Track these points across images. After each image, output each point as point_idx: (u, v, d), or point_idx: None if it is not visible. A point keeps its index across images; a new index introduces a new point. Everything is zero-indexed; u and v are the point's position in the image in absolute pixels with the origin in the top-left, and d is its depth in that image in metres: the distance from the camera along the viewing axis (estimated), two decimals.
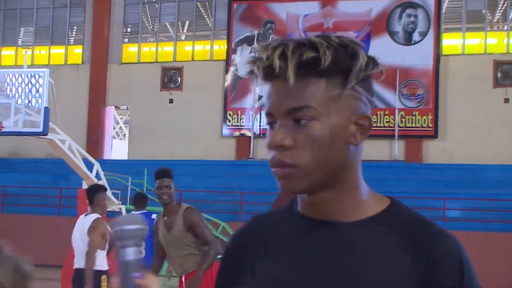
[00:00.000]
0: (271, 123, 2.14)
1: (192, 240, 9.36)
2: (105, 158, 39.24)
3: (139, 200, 15.87)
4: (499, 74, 36.26)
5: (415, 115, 36.02)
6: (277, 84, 2.08)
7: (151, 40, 42.36)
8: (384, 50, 35.75)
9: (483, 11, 37.42)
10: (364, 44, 2.15)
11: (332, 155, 2.09)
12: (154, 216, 14.43)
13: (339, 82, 2.07)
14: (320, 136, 2.06)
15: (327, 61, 2.00)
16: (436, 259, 2.06)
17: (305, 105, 2.04)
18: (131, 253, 1.78)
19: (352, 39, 2.07)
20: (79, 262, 12.27)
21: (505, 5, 37.32)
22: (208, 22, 41.57)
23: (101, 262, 12.28)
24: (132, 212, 14.79)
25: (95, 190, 13.04)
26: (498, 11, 37.51)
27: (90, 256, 12.05)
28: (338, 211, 2.15)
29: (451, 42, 37.67)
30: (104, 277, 12.36)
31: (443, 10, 37.42)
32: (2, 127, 21.92)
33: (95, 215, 12.41)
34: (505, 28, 37.16)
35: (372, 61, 2.09)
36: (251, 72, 2.14)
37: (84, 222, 12.44)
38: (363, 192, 2.18)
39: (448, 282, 2.06)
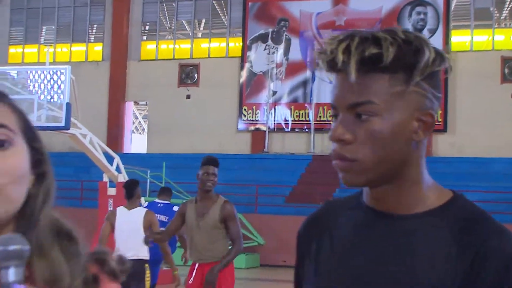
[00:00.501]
0: (335, 115, 2.08)
1: (220, 232, 9.21)
2: (124, 152, 39.35)
3: (165, 191, 15.55)
4: (506, 70, 36.21)
5: None
6: (341, 77, 2.03)
7: (169, 37, 42.43)
8: None
9: (491, 9, 37.35)
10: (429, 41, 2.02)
11: (393, 151, 2.04)
12: (175, 208, 14.61)
13: (403, 78, 2.00)
14: (380, 132, 2.01)
15: (389, 57, 1.94)
16: (484, 255, 1.98)
17: (367, 100, 1.99)
18: (13, 274, 1.65)
19: (418, 34, 2.01)
20: (127, 252, 11.04)
21: (511, 4, 37.25)
22: (223, 20, 41.58)
23: (145, 251, 12.76)
24: (155, 201, 14.69)
25: (135, 184, 13.46)
26: (505, 9, 37.42)
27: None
28: (399, 204, 2.10)
29: (459, 39, 37.60)
30: (147, 265, 12.84)
31: (452, 8, 37.36)
32: None
33: (143, 209, 13.23)
34: None
35: (440, 57, 2.01)
36: (317, 63, 2.07)
37: (133, 215, 12.84)
38: (425, 186, 2.11)
39: (491, 278, 1.96)
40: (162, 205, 15.63)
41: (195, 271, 9.26)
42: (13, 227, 1.82)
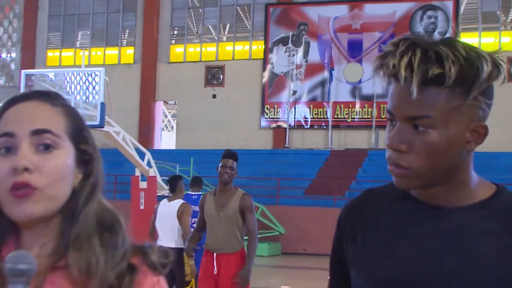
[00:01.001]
0: (390, 120, 2.05)
1: (238, 223, 9.11)
2: (155, 148, 39.45)
3: (196, 182, 15.29)
4: None
5: None
6: (400, 88, 1.96)
7: (196, 41, 42.48)
8: None
9: (498, 12, 37.28)
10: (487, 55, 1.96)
11: (446, 160, 2.01)
12: None
13: (461, 92, 1.94)
14: (436, 144, 1.97)
15: (451, 78, 1.90)
16: None
17: (426, 115, 1.95)
18: None
19: (478, 51, 1.94)
20: (166, 241, 12.62)
21: None
22: (247, 24, 41.59)
23: (182, 241, 12.77)
24: (189, 193, 14.69)
25: (178, 179, 13.90)
26: (511, 12, 37.28)
27: (188, 234, 12.56)
28: (449, 199, 2.07)
29: (468, 41, 37.19)
30: (185, 253, 12.56)
31: (461, 12, 37.30)
32: None
33: (181, 201, 13.21)
34: None
35: (496, 70, 1.95)
36: (377, 72, 2.02)
37: (171, 206, 13.03)
38: (472, 182, 2.08)
39: None
40: (196, 196, 15.64)
41: (214, 261, 9.17)
42: (59, 221, 1.85)
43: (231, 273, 8.86)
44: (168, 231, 12.92)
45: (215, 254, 8.98)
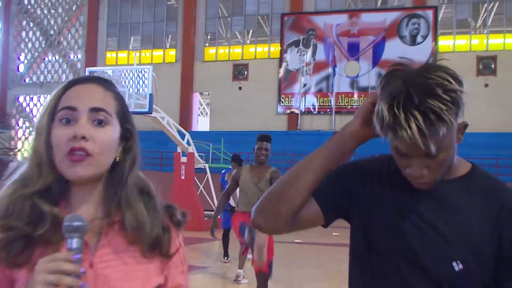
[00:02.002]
0: (401, 155, 1.98)
1: None
2: (193, 130, 39.22)
3: (237, 160, 14.70)
4: (480, 66, 35.86)
5: None
6: (413, 144, 1.88)
7: (225, 44, 42.22)
8: (395, 49, 36.11)
9: (469, 19, 36.96)
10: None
11: (450, 161, 2.02)
12: None
13: (455, 119, 1.92)
14: (446, 159, 1.97)
15: (454, 124, 1.90)
16: (503, 209, 2.01)
17: (437, 151, 1.89)
18: (76, 243, 1.68)
19: (452, 87, 1.90)
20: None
21: (485, 15, 36.85)
22: (266, 30, 41.31)
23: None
24: (230, 168, 14.85)
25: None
26: (480, 19, 37.01)
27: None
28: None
29: (444, 42, 37.18)
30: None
31: (439, 19, 37.02)
32: None
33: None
34: (485, 32, 36.68)
35: (463, 87, 1.94)
36: (385, 130, 1.93)
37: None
38: (455, 161, 2.07)
39: (510, 222, 2.00)
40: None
41: (243, 216, 9.13)
42: (103, 185, 1.91)
43: None
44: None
45: (249, 215, 8.80)
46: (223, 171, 16.73)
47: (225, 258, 15.48)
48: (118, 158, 1.90)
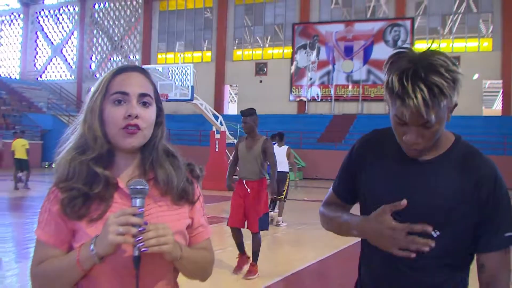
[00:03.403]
0: (400, 124, 1.87)
1: (261, 160, 8.05)
2: (224, 113, 39.35)
3: (281, 137, 14.24)
4: None
5: None
6: (416, 113, 1.79)
7: (249, 47, 42.09)
8: (381, 51, 36.04)
9: (438, 28, 36.71)
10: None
11: (440, 134, 1.90)
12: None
13: (452, 100, 1.83)
14: (438, 131, 1.85)
15: (454, 93, 1.82)
16: (479, 178, 1.88)
17: (434, 120, 1.79)
18: (139, 202, 1.70)
19: (452, 68, 1.81)
20: (280, 168, 12.61)
21: (450, 24, 36.54)
22: (281, 36, 41.11)
23: (286, 168, 13.61)
24: (275, 146, 14.53)
25: (283, 135, 14.30)
26: (447, 28, 36.70)
27: (293, 165, 14.40)
28: (427, 153, 1.95)
29: (420, 46, 36.94)
30: (288, 174, 13.70)
31: (415, 27, 36.79)
32: (168, 97, 22.46)
33: (286, 146, 13.94)
34: (451, 37, 36.40)
35: (459, 81, 1.84)
36: (395, 98, 1.82)
37: (281, 149, 13.59)
38: (442, 136, 1.96)
39: (485, 192, 1.87)
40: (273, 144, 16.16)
41: (245, 184, 8.03)
42: (139, 152, 1.89)
43: (254, 193, 7.94)
44: (280, 162, 12.50)
45: (244, 181, 8.06)
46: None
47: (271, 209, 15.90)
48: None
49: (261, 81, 40.79)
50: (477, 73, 34.58)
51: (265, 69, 40.95)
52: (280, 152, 13.32)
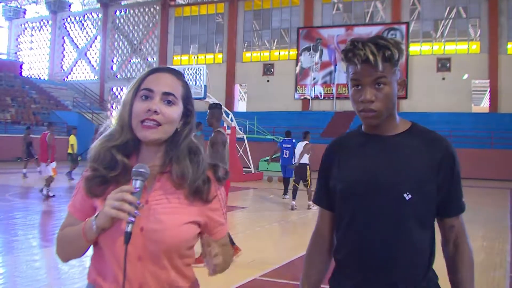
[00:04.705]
0: (356, 85, 1.97)
1: (210, 151, 7.64)
2: (234, 110, 39.33)
3: (305, 135, 14.69)
4: (439, 65, 35.53)
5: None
6: (366, 66, 1.90)
7: (257, 49, 42.08)
8: None
9: (431, 31, 36.59)
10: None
11: (392, 103, 1.98)
12: (293, 141, 16.39)
13: (395, 63, 1.94)
14: (389, 93, 1.95)
15: (396, 57, 1.93)
16: (444, 156, 1.96)
17: (384, 75, 1.92)
18: (138, 183, 1.71)
19: (396, 40, 1.97)
20: (301, 160, 14.11)
21: (442, 28, 36.39)
22: (287, 40, 41.03)
23: (307, 160, 14.26)
24: (300, 142, 14.71)
25: (308, 133, 14.81)
26: (439, 31, 36.56)
27: (303, 155, 14.31)
28: (385, 130, 2.03)
29: (414, 48, 36.80)
30: (308, 167, 14.28)
31: (410, 31, 36.70)
32: None
33: (305, 142, 14.39)
34: (443, 40, 36.27)
35: (402, 52, 1.96)
36: (349, 59, 1.96)
37: (301, 144, 14.38)
38: (397, 119, 2.05)
39: (448, 167, 1.95)
40: (288, 139, 16.67)
41: None
42: (164, 147, 1.88)
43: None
44: (300, 156, 14.14)
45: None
46: (293, 140, 16.66)
47: (284, 195, 16.62)
48: (178, 128, 1.89)
49: (268, 81, 40.74)
50: (466, 73, 34.64)
51: (272, 69, 40.93)
52: (300, 146, 14.35)
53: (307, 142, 14.40)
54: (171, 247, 1.81)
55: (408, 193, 1.93)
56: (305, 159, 14.20)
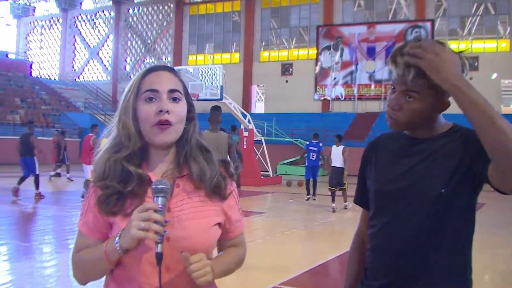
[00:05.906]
0: (394, 91, 1.99)
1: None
2: (252, 112, 39.49)
3: (339, 138, 15.24)
4: (466, 63, 35.39)
5: None
6: (401, 76, 1.92)
7: (275, 48, 42.14)
8: None
9: (457, 29, 36.43)
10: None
11: (420, 119, 2.00)
12: (320, 144, 17.39)
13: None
14: (415, 110, 1.97)
15: (426, 84, 1.90)
16: (475, 146, 1.85)
17: (413, 90, 1.92)
18: (160, 200, 1.69)
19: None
20: (336, 164, 14.70)
21: (469, 26, 36.21)
22: (306, 38, 41.12)
23: (342, 163, 14.66)
24: (333, 146, 15.14)
25: (341, 136, 15.32)
26: (466, 29, 36.37)
27: (347, 161, 14.67)
28: (423, 133, 2.03)
29: None
30: (344, 169, 14.71)
31: (435, 29, 36.55)
32: (198, 97, 22.60)
33: (343, 146, 14.82)
34: (470, 38, 36.04)
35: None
36: (390, 62, 1.98)
37: (340, 149, 14.75)
38: (438, 124, 2.03)
39: (477, 152, 1.83)
40: (315, 142, 17.50)
41: None
42: (174, 148, 1.88)
43: None
44: (337, 160, 14.68)
45: None
46: (307, 143, 18.16)
47: (307, 196, 17.28)
48: (185, 126, 1.89)
49: (287, 81, 40.80)
50: (495, 73, 34.33)
51: (290, 69, 40.98)
52: (337, 151, 14.76)
53: (343, 146, 14.84)
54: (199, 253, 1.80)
55: (443, 189, 1.94)
56: (341, 163, 14.67)
